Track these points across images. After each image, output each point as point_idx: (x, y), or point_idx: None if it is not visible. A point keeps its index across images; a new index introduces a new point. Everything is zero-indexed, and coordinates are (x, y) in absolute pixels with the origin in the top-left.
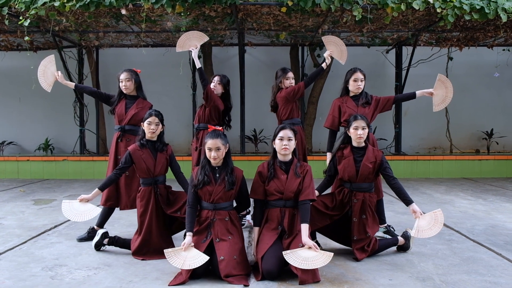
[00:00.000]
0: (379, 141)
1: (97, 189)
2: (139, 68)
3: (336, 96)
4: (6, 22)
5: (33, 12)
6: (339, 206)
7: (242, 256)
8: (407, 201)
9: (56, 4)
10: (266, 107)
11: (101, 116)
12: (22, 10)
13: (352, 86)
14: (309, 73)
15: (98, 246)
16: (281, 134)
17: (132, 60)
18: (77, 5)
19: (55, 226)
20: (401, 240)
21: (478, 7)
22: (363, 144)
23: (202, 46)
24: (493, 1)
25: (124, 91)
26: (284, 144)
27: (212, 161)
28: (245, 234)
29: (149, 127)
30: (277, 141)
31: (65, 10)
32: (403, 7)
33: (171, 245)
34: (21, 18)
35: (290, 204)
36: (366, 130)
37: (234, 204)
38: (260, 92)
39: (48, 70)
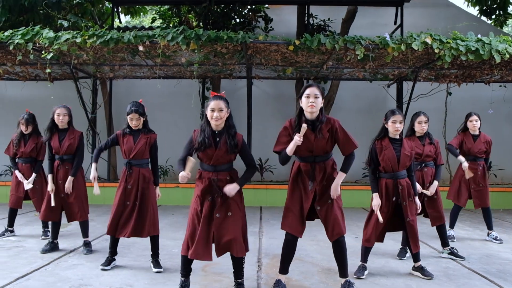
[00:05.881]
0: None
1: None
2: (151, 100)
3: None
4: (31, 56)
5: (56, 47)
6: (388, 203)
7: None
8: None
9: (78, 40)
10: (272, 137)
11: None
12: (46, 45)
13: (417, 128)
14: None
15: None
16: (307, 91)
17: (143, 91)
18: (98, 41)
19: (75, 249)
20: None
21: (473, 48)
22: (398, 137)
23: (211, 78)
24: (487, 44)
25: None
26: (311, 101)
27: (213, 122)
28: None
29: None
30: (303, 99)
31: (86, 46)
32: (403, 47)
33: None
34: (43, 52)
35: (320, 159)
36: (403, 125)
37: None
38: (266, 123)
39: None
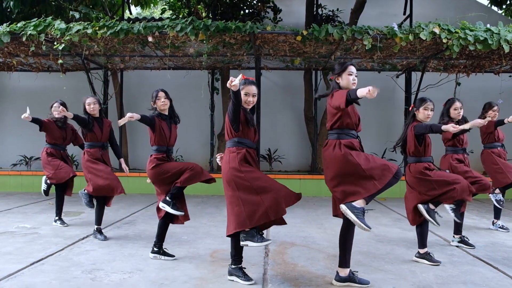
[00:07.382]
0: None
1: None
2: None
3: None
4: (43, 47)
5: (67, 38)
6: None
7: None
8: None
9: (89, 31)
10: (280, 128)
11: (124, 133)
12: (58, 36)
13: (453, 114)
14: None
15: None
16: (351, 69)
17: (154, 82)
18: (108, 32)
19: (87, 236)
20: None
21: (481, 38)
22: None
23: (220, 69)
24: (496, 33)
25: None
26: (353, 79)
27: (246, 106)
28: None
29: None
30: (346, 76)
31: (96, 37)
32: (411, 37)
33: None
34: (55, 43)
35: None
36: (433, 112)
37: None
38: (275, 113)
39: None
